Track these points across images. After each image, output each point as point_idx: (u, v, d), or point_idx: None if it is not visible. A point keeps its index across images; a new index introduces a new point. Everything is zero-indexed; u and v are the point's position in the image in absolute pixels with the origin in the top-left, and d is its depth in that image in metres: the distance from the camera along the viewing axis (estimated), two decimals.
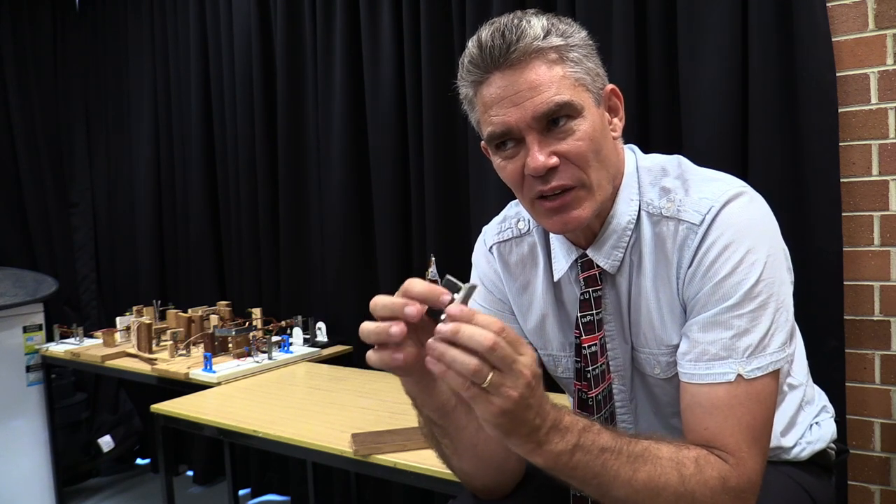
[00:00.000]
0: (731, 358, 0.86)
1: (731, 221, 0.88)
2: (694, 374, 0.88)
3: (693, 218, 0.90)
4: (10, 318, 2.77)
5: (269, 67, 2.77)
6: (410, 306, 0.72)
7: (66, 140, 3.57)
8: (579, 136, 0.89)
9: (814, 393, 1.14)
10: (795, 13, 1.65)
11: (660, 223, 0.94)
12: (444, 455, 0.95)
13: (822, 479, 1.10)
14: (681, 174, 0.96)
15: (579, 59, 0.90)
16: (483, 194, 2.14)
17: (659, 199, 0.95)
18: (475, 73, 0.91)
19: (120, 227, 3.49)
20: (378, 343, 0.75)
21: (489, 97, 0.90)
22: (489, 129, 0.91)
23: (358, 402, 1.87)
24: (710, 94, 1.75)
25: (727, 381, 0.85)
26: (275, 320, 2.61)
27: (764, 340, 0.86)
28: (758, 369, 0.86)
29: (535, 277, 1.07)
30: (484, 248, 1.12)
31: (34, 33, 3.46)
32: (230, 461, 2.43)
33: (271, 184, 2.80)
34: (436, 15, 2.24)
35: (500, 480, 0.99)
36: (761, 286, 0.86)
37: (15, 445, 2.78)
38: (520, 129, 0.89)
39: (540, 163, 0.88)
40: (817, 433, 1.10)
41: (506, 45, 0.87)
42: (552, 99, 0.87)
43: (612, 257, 0.97)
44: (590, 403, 0.99)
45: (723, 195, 0.89)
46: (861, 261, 1.69)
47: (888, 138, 1.64)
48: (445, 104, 2.25)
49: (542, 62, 0.88)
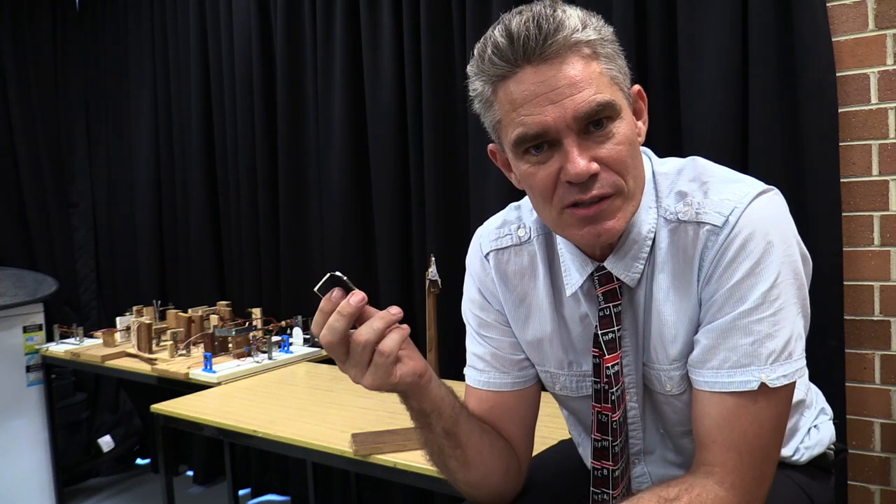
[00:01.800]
0: (755, 365, 0.81)
1: (753, 223, 0.82)
2: (716, 383, 0.83)
3: (715, 220, 0.84)
4: (10, 318, 2.77)
5: (269, 67, 2.77)
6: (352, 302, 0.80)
7: (66, 140, 3.57)
8: (619, 140, 0.81)
9: (812, 396, 1.11)
10: (795, 13, 1.65)
11: (678, 229, 0.87)
12: (452, 471, 0.95)
13: (821, 481, 1.08)
14: (697, 176, 0.90)
15: (612, 55, 0.83)
16: (483, 194, 2.14)
17: (675, 203, 0.88)
18: (501, 66, 0.81)
19: (120, 227, 3.49)
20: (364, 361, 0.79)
21: (519, 94, 0.80)
22: (519, 130, 0.81)
23: (358, 402, 1.86)
24: (710, 94, 1.75)
25: (749, 390, 0.80)
26: (275, 320, 2.61)
27: (788, 346, 0.82)
28: (783, 377, 0.81)
29: (533, 290, 0.99)
30: (479, 254, 1.04)
31: (34, 33, 3.46)
32: (230, 461, 2.43)
33: (271, 184, 2.80)
34: (436, 15, 2.24)
35: (505, 487, 0.99)
36: (779, 288, 0.81)
37: (15, 445, 2.78)
38: (557, 130, 0.79)
39: (582, 167, 0.79)
40: (815, 437, 1.07)
41: (542, 37, 0.78)
42: (594, 98, 0.79)
43: (632, 269, 0.90)
44: (612, 426, 0.93)
45: (745, 196, 0.84)
46: (861, 261, 1.69)
47: (888, 138, 1.64)
48: (446, 104, 2.25)
49: (579, 57, 0.80)
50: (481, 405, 1.02)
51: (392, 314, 0.80)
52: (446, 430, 0.91)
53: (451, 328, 1.53)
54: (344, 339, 0.79)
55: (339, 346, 0.79)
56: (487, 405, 1.02)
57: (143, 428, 3.38)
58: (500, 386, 1.02)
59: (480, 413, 1.00)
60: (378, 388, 0.81)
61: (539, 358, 1.02)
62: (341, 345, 0.79)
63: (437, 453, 0.94)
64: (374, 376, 0.80)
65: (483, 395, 1.03)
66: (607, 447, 0.94)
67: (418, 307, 2.32)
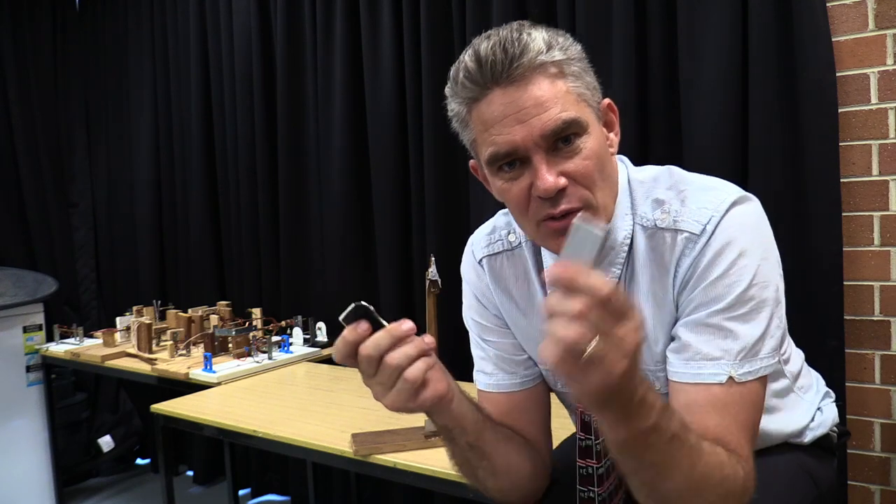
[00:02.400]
0: (724, 359, 0.85)
1: (730, 229, 0.86)
2: (685, 373, 0.87)
3: (693, 228, 0.87)
4: (10, 318, 2.77)
5: (269, 67, 2.77)
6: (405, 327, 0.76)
7: (66, 140, 3.57)
8: (586, 155, 0.85)
9: (811, 379, 1.15)
10: (795, 13, 1.65)
11: (654, 235, 0.91)
12: (481, 479, 0.97)
13: (825, 462, 1.12)
14: (674, 185, 0.93)
15: (579, 73, 0.87)
16: (483, 195, 2.14)
17: (652, 211, 0.92)
18: (471, 89, 0.86)
19: (120, 227, 3.49)
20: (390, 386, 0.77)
21: (489, 115, 0.85)
22: (490, 149, 0.86)
23: (358, 402, 1.86)
24: (710, 94, 1.75)
25: (718, 383, 0.85)
26: (275, 320, 2.61)
27: (756, 345, 0.86)
28: (749, 373, 0.85)
29: (526, 292, 1.03)
30: (473, 261, 1.08)
31: (34, 33, 3.46)
32: (230, 461, 2.43)
33: (271, 184, 2.80)
34: (436, 15, 2.24)
35: (534, 486, 1.01)
36: (754, 290, 0.85)
37: (15, 445, 2.78)
38: (526, 148, 0.84)
39: (550, 183, 0.83)
40: (819, 419, 1.11)
41: (508, 60, 0.82)
42: (559, 116, 0.82)
43: (609, 274, 0.94)
44: (593, 426, 0.97)
45: (721, 204, 0.87)
46: (861, 261, 1.69)
47: (888, 138, 1.64)
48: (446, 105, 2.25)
49: (545, 77, 0.83)
50: (498, 409, 1.03)
51: (427, 343, 0.79)
52: (470, 444, 0.92)
53: (452, 328, 1.52)
54: (380, 357, 0.78)
55: (374, 364, 0.78)
56: (504, 408, 1.04)
57: (143, 428, 3.38)
58: (509, 387, 1.05)
59: (499, 418, 1.01)
60: (398, 410, 0.80)
61: (539, 358, 1.03)
62: (375, 363, 0.78)
63: (465, 464, 0.96)
64: (395, 399, 0.79)
65: (496, 399, 1.05)
66: (591, 446, 0.98)
67: (418, 307, 2.32)
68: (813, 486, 1.05)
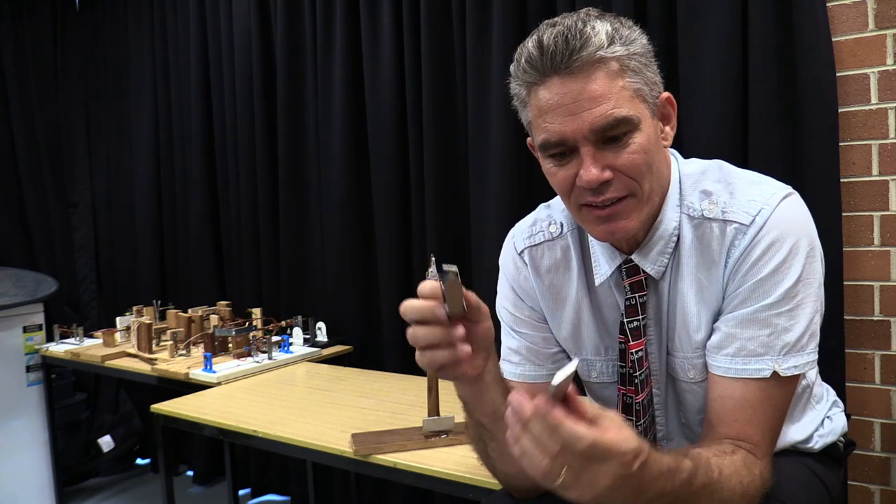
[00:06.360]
0: (769, 355, 0.88)
1: (781, 224, 0.89)
2: (730, 369, 0.90)
3: (742, 219, 0.91)
4: (10, 318, 2.77)
5: (269, 67, 2.77)
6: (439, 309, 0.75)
7: (66, 140, 3.57)
8: (634, 150, 0.87)
9: (822, 390, 1.17)
10: (795, 13, 1.65)
11: (702, 225, 0.94)
12: (489, 458, 0.97)
13: (833, 470, 1.13)
14: (723, 178, 0.97)
15: (639, 68, 0.89)
16: (483, 194, 2.14)
17: (700, 201, 0.95)
18: (532, 73, 0.88)
19: (120, 227, 3.49)
20: (428, 345, 0.77)
21: (545, 102, 0.88)
22: (543, 136, 0.89)
23: (358, 402, 1.86)
24: (710, 93, 1.75)
25: (762, 378, 0.87)
26: (275, 320, 2.61)
27: (801, 340, 0.89)
28: (794, 367, 0.88)
29: (568, 281, 1.06)
30: (513, 252, 1.10)
31: (34, 33, 3.46)
32: (230, 461, 2.43)
33: (271, 183, 2.80)
34: (436, 15, 2.24)
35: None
36: (800, 286, 0.88)
37: (15, 445, 2.78)
38: (575, 139, 0.87)
39: (594, 176, 0.86)
40: (829, 427, 1.12)
41: (568, 52, 0.84)
42: (611, 113, 0.85)
43: (658, 263, 0.97)
44: (636, 408, 1.01)
45: (772, 198, 0.91)
46: (861, 261, 1.69)
47: (888, 138, 1.64)
48: (446, 104, 2.25)
49: (604, 72, 0.86)
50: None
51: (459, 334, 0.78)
52: (480, 423, 0.92)
53: None
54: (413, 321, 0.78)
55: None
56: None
57: (143, 428, 3.38)
58: (535, 378, 1.08)
59: None
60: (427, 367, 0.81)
61: (576, 346, 1.07)
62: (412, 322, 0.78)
63: (477, 440, 0.97)
64: (419, 359, 0.80)
65: (520, 389, 1.04)
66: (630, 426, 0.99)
67: None
68: (825, 492, 1.06)
